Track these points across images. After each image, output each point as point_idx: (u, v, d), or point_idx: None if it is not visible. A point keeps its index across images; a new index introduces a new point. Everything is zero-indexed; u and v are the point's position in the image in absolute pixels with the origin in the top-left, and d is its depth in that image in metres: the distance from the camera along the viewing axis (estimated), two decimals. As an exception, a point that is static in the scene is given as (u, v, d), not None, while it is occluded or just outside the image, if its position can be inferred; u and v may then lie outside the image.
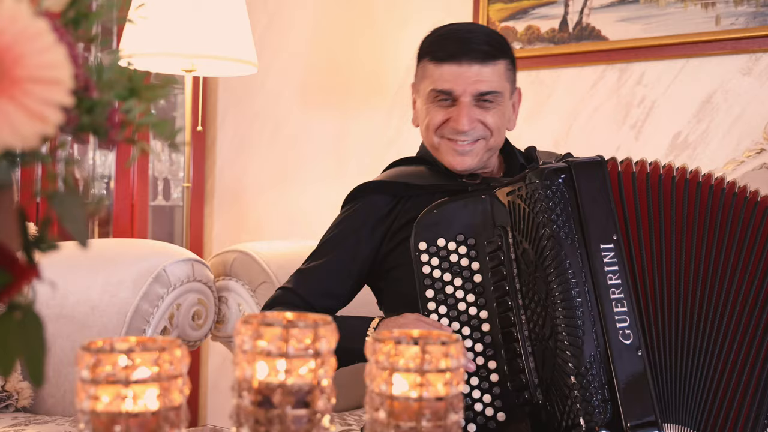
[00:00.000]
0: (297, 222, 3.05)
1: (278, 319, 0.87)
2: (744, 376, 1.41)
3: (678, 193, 1.46)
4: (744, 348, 1.42)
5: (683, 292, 1.42)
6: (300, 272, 1.74)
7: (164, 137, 0.74)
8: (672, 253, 1.43)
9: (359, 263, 1.71)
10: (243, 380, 0.83)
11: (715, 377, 1.40)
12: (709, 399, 1.39)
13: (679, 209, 1.45)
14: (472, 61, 1.62)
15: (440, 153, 1.68)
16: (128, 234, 3.02)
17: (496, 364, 1.44)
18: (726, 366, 1.41)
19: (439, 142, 1.67)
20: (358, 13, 2.94)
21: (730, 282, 1.43)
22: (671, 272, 1.43)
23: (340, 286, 1.71)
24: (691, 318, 1.42)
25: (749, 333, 1.42)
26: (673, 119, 2.39)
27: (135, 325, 1.91)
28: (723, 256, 1.44)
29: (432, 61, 1.66)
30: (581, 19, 2.49)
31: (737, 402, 1.40)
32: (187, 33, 2.43)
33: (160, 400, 0.77)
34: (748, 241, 1.45)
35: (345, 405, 2.09)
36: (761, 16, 2.23)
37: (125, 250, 2.07)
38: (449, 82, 1.63)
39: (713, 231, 1.45)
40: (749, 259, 1.45)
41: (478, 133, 1.65)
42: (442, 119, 1.65)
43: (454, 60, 1.62)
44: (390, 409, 0.85)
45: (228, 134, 3.25)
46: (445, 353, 0.86)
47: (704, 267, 1.44)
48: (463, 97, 1.62)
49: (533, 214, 1.41)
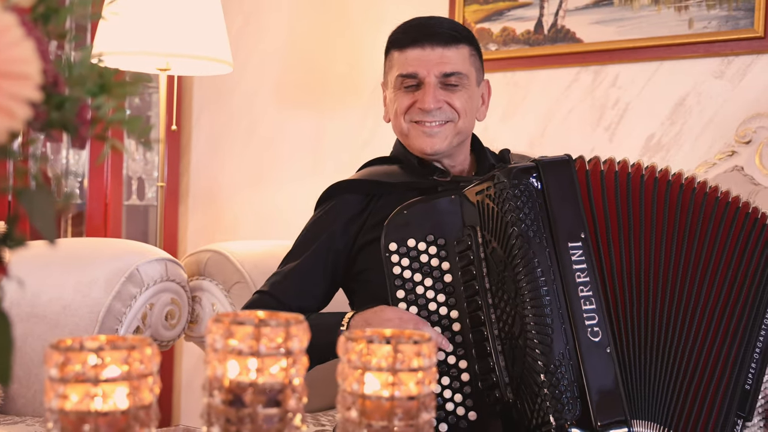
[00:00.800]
0: (272, 222, 3.04)
1: (250, 318, 0.86)
2: (714, 373, 1.42)
3: (647, 191, 1.47)
4: (715, 345, 1.43)
5: (652, 289, 1.44)
6: (276, 275, 1.74)
7: (136, 134, 0.74)
8: (641, 252, 1.44)
9: (333, 262, 1.72)
10: (214, 379, 0.82)
11: (682, 374, 1.41)
12: (677, 395, 1.40)
13: (648, 208, 1.46)
14: (435, 45, 1.68)
15: (410, 138, 1.71)
16: (101, 233, 3.00)
17: (467, 363, 1.44)
18: (692, 362, 1.42)
19: (408, 128, 1.70)
20: (334, 13, 2.93)
21: (701, 281, 1.45)
22: (640, 270, 1.44)
23: (316, 287, 1.71)
24: (660, 315, 1.43)
25: (721, 330, 1.44)
26: (646, 121, 2.41)
27: (107, 325, 1.90)
28: (693, 255, 1.45)
29: (397, 50, 1.72)
30: (556, 21, 2.50)
31: (709, 398, 1.41)
32: (161, 32, 2.42)
33: (129, 399, 0.76)
34: (719, 241, 1.47)
35: (319, 405, 2.08)
36: (733, 20, 2.25)
37: (98, 249, 2.05)
38: (413, 66, 1.68)
39: (683, 230, 1.46)
40: (720, 260, 1.46)
41: (446, 115, 1.68)
42: (408, 103, 1.69)
43: (417, 44, 1.68)
44: (362, 408, 0.85)
45: (203, 133, 3.23)
46: (417, 352, 0.86)
47: (674, 265, 1.45)
48: (428, 78, 1.67)
49: (502, 214, 1.42)
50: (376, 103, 2.83)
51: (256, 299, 1.72)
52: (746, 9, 2.23)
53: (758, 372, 1.46)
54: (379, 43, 2.94)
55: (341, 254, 1.72)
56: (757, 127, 2.18)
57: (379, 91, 2.88)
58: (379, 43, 2.90)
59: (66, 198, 0.66)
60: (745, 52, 2.25)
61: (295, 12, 3.02)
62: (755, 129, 2.18)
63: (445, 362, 1.44)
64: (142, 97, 3.26)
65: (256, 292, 1.74)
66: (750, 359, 1.45)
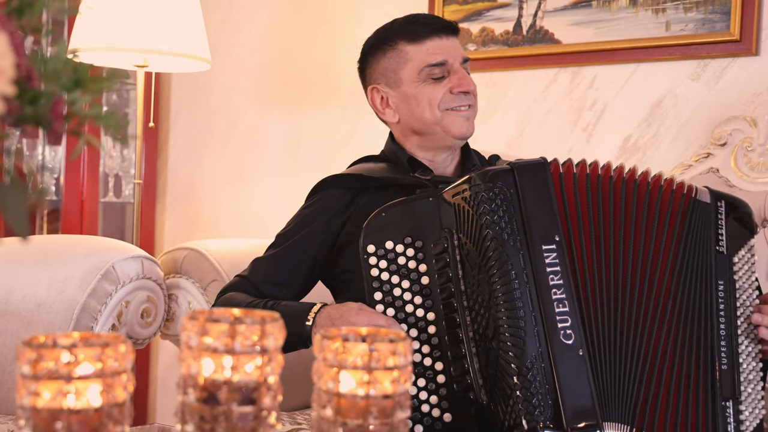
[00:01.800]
0: (250, 220, 3.03)
1: (225, 316, 0.86)
2: (683, 363, 1.43)
3: (616, 192, 1.48)
4: (678, 336, 1.44)
5: (621, 290, 1.45)
6: (256, 261, 1.77)
7: (111, 130, 0.73)
8: (611, 252, 1.46)
9: (314, 255, 1.73)
10: (189, 377, 0.82)
11: (653, 372, 1.42)
12: (641, 396, 1.41)
13: (617, 208, 1.48)
14: (448, 34, 1.74)
15: (446, 126, 1.73)
16: (77, 231, 2.98)
17: (443, 365, 1.44)
18: (659, 357, 1.42)
19: (442, 116, 1.72)
20: (313, 11, 2.93)
21: (652, 273, 1.46)
22: (609, 271, 1.45)
23: (294, 276, 1.73)
24: (629, 315, 1.44)
25: (672, 329, 1.44)
26: (623, 123, 2.42)
27: (82, 323, 1.88)
28: (642, 249, 1.47)
29: (411, 42, 1.73)
30: (535, 22, 2.51)
31: (683, 391, 1.41)
32: (139, 28, 2.40)
33: (103, 397, 0.76)
34: (656, 229, 1.48)
35: (295, 404, 2.08)
36: (709, 23, 2.27)
37: (73, 246, 2.04)
38: (441, 54, 1.72)
39: (651, 227, 1.48)
40: (660, 247, 1.48)
41: (472, 99, 1.75)
42: (442, 92, 1.71)
43: (436, 34, 1.73)
44: (337, 406, 0.85)
45: (181, 131, 3.22)
46: (392, 351, 0.86)
47: (641, 263, 1.46)
48: (456, 64, 1.72)
49: (477, 216, 1.42)
50: (355, 101, 2.82)
51: (234, 282, 1.76)
52: (722, 12, 2.25)
53: (731, 348, 1.46)
54: (359, 41, 2.93)
55: (323, 248, 1.73)
56: (732, 129, 2.19)
57: (359, 90, 2.88)
58: (358, 41, 2.90)
59: (39, 193, 0.66)
60: (721, 55, 2.27)
61: (274, 10, 3.01)
62: (730, 131, 2.20)
63: (421, 364, 1.44)
64: (119, 93, 3.24)
65: (236, 276, 1.77)
66: (717, 338, 1.46)
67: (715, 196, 1.54)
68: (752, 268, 1.53)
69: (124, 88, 3.21)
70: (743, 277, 1.52)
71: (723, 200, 1.54)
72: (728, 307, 1.48)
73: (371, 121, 2.78)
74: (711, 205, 1.52)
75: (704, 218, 1.51)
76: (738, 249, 1.53)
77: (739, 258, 1.52)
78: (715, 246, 1.50)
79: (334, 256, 1.74)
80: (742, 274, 1.52)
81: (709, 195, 1.53)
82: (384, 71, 1.77)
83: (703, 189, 1.54)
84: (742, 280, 1.51)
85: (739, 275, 1.51)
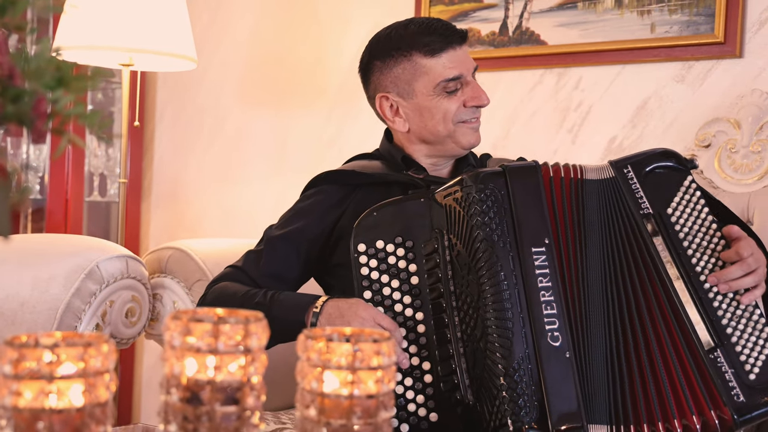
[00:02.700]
0: (236, 220, 3.02)
1: (208, 315, 0.86)
2: (655, 361, 1.41)
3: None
4: (648, 333, 1.43)
5: (600, 290, 1.45)
6: (249, 253, 1.76)
7: (94, 129, 0.73)
8: (582, 254, 1.46)
9: (307, 249, 1.73)
10: (172, 377, 0.82)
11: (632, 374, 1.41)
12: (628, 397, 1.41)
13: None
14: (461, 43, 1.73)
15: (457, 138, 1.73)
16: (62, 230, 2.96)
17: (430, 365, 1.45)
18: (633, 362, 1.42)
19: (454, 129, 1.72)
20: (300, 10, 2.93)
21: (611, 266, 1.46)
22: (583, 272, 1.45)
23: (288, 269, 1.73)
24: (615, 318, 1.44)
25: (645, 315, 1.44)
26: (609, 124, 2.43)
27: (66, 322, 1.87)
28: (603, 247, 1.48)
29: (427, 56, 1.70)
30: (521, 23, 2.52)
31: (659, 387, 1.41)
32: (124, 27, 2.39)
33: (85, 397, 0.76)
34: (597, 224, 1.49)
35: (280, 404, 2.07)
36: (694, 25, 2.28)
37: (57, 245, 2.02)
38: (456, 68, 1.70)
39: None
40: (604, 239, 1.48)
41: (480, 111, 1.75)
42: (457, 105, 1.71)
43: (449, 46, 1.71)
44: (321, 406, 0.85)
45: (167, 130, 3.20)
46: (377, 351, 0.86)
47: (602, 260, 1.47)
48: (468, 76, 1.72)
49: (468, 218, 1.43)
50: (342, 101, 2.82)
51: (228, 272, 1.75)
52: (707, 15, 2.26)
53: (696, 300, 1.42)
54: (346, 41, 2.93)
55: (316, 242, 1.73)
56: (716, 131, 2.21)
57: (346, 90, 2.88)
58: (345, 41, 2.90)
59: (22, 192, 0.65)
60: (706, 57, 2.28)
61: (261, 9, 3.01)
62: (714, 133, 2.21)
63: (409, 363, 1.45)
64: (105, 92, 3.23)
65: (229, 266, 1.76)
66: (676, 298, 1.42)
67: (617, 165, 1.50)
68: (696, 206, 1.48)
69: (109, 87, 3.19)
70: (688, 222, 1.46)
71: (629, 165, 1.50)
72: (676, 261, 1.43)
73: (358, 120, 2.79)
74: (615, 178, 1.49)
75: (608, 193, 1.48)
76: (671, 198, 1.48)
77: (675, 206, 1.47)
78: (638, 211, 1.46)
79: (328, 250, 1.74)
80: (686, 219, 1.47)
81: (610, 169, 1.50)
82: (396, 80, 1.73)
83: (601, 165, 1.51)
84: (687, 226, 1.46)
85: (681, 223, 1.46)
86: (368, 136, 2.65)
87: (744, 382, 1.38)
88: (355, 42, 2.81)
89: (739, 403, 1.36)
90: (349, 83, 2.82)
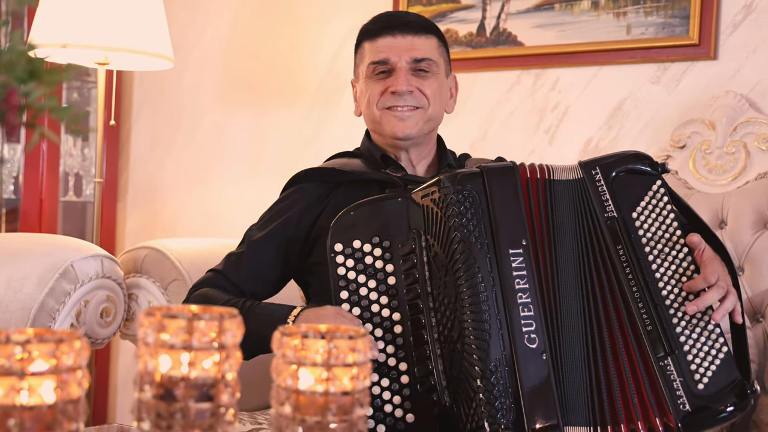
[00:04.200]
0: (213, 220, 3.01)
1: (183, 312, 0.85)
2: (620, 361, 1.42)
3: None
4: (615, 335, 1.44)
5: (575, 292, 1.45)
6: (230, 256, 1.76)
7: (66, 123, 0.72)
8: (555, 255, 1.46)
9: (286, 248, 1.73)
10: (145, 373, 0.81)
11: (607, 374, 1.42)
12: (604, 397, 1.41)
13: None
14: (405, 33, 1.72)
15: (382, 125, 1.73)
16: (36, 230, 2.94)
17: (407, 365, 1.44)
18: (607, 363, 1.43)
19: (380, 115, 1.73)
20: (279, 10, 2.92)
21: (577, 265, 1.47)
22: (557, 273, 1.45)
23: (269, 269, 1.73)
24: (591, 320, 1.45)
25: (611, 317, 1.44)
26: (585, 125, 2.44)
27: (40, 322, 1.86)
28: (573, 249, 1.48)
29: (368, 40, 1.75)
30: (498, 24, 2.53)
31: (624, 386, 1.42)
32: (100, 25, 2.38)
33: (57, 393, 0.75)
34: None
35: (256, 404, 2.07)
36: (669, 27, 2.30)
37: (31, 244, 2.01)
38: (384, 52, 1.72)
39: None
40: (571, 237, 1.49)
41: (417, 101, 1.72)
42: (381, 90, 1.72)
43: (389, 32, 1.73)
44: (296, 403, 0.85)
45: (143, 129, 3.19)
46: (352, 347, 0.85)
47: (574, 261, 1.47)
48: (399, 63, 1.71)
49: (445, 218, 1.43)
50: (320, 101, 2.82)
51: (209, 277, 1.74)
52: (682, 17, 2.28)
53: (650, 306, 1.42)
54: (324, 40, 2.93)
55: (295, 242, 1.73)
56: (691, 132, 2.22)
57: (324, 90, 2.88)
58: (323, 40, 2.90)
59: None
60: (681, 59, 2.30)
61: (239, 8, 3.00)
62: (689, 134, 2.23)
63: (386, 364, 1.44)
64: (80, 91, 3.20)
65: (210, 270, 1.76)
66: (633, 302, 1.42)
67: (586, 166, 1.50)
68: (663, 211, 1.48)
69: (85, 86, 3.17)
70: (652, 227, 1.47)
71: (597, 166, 1.50)
72: (635, 268, 1.44)
73: (336, 120, 2.78)
74: (583, 179, 1.49)
75: (576, 194, 1.48)
76: (638, 202, 1.48)
77: (641, 210, 1.48)
78: (603, 214, 1.46)
79: (307, 247, 1.73)
80: (650, 224, 1.47)
81: (579, 170, 1.50)
82: (355, 68, 1.82)
83: (571, 166, 1.51)
84: (651, 231, 1.47)
85: (644, 228, 1.46)
86: (347, 137, 2.65)
87: (692, 392, 1.39)
88: (333, 42, 2.80)
89: (684, 412, 1.38)
90: (328, 83, 2.82)
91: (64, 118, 0.69)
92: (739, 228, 2.09)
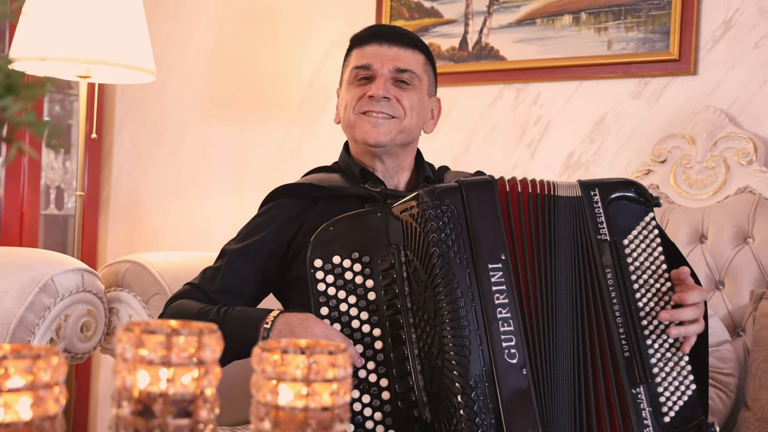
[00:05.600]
0: (195, 234, 3.00)
1: (161, 327, 0.85)
2: (598, 378, 1.43)
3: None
4: (596, 351, 1.45)
5: (560, 306, 1.46)
6: (206, 270, 1.75)
7: (43, 138, 0.72)
8: (550, 269, 1.47)
9: (264, 263, 1.72)
10: (123, 389, 0.81)
11: (587, 388, 1.43)
12: (584, 411, 1.42)
13: (553, 225, 1.49)
14: (393, 44, 1.74)
15: (355, 129, 1.74)
16: (17, 244, 2.92)
17: (388, 381, 1.44)
18: (587, 377, 1.43)
19: (355, 119, 1.73)
20: (262, 24, 2.92)
21: (568, 277, 1.48)
22: (549, 287, 1.46)
23: (245, 285, 1.72)
24: (579, 336, 1.45)
25: (594, 333, 1.45)
26: (567, 139, 2.45)
27: (19, 337, 1.84)
28: (555, 257, 1.49)
29: (356, 47, 1.77)
30: (480, 39, 2.54)
31: (601, 404, 1.42)
32: (82, 38, 2.37)
33: (33, 410, 0.74)
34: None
35: (236, 419, 2.05)
36: (650, 42, 2.32)
37: (11, 258, 1.99)
38: (369, 58, 1.73)
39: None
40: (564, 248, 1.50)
41: (393, 110, 1.72)
42: (359, 94, 1.73)
43: (376, 41, 1.74)
44: (275, 419, 0.84)
45: (125, 143, 3.17)
46: (332, 363, 0.85)
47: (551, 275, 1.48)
48: (381, 70, 1.72)
49: (424, 234, 1.42)
50: (303, 115, 2.82)
51: (184, 290, 1.73)
52: (662, 32, 2.30)
53: (631, 333, 1.44)
54: (307, 54, 2.93)
55: (273, 257, 1.72)
56: (671, 147, 2.24)
57: (307, 104, 2.88)
58: (306, 54, 2.90)
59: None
60: (661, 74, 2.32)
61: (222, 21, 3.00)
62: (670, 149, 2.24)
63: (366, 380, 1.43)
64: (62, 104, 3.19)
65: (186, 284, 1.75)
66: (615, 327, 1.44)
67: (585, 185, 1.51)
68: (652, 243, 1.50)
69: (67, 99, 3.16)
70: (640, 257, 1.48)
71: (596, 188, 1.51)
72: (621, 293, 1.45)
73: (319, 134, 2.78)
74: (581, 198, 1.50)
75: (574, 212, 1.49)
76: (630, 230, 1.50)
77: (632, 238, 1.49)
78: (596, 236, 1.48)
79: (286, 264, 1.72)
80: (639, 254, 1.49)
81: (578, 188, 1.51)
82: (341, 74, 1.82)
83: (572, 183, 1.52)
84: (639, 261, 1.48)
85: (633, 256, 1.48)
86: (329, 150, 2.65)
87: (658, 423, 1.42)
88: (316, 56, 2.81)
89: None
90: (310, 97, 2.82)
91: (42, 133, 0.68)
92: (719, 242, 2.11)
